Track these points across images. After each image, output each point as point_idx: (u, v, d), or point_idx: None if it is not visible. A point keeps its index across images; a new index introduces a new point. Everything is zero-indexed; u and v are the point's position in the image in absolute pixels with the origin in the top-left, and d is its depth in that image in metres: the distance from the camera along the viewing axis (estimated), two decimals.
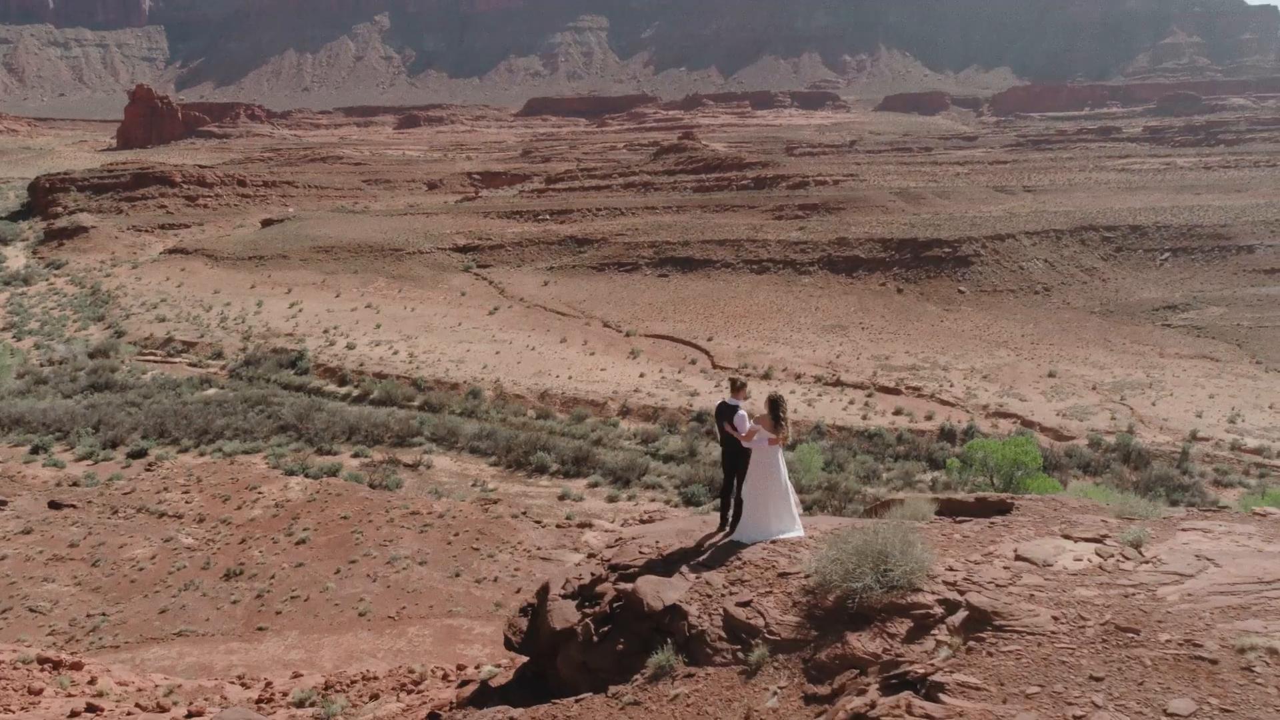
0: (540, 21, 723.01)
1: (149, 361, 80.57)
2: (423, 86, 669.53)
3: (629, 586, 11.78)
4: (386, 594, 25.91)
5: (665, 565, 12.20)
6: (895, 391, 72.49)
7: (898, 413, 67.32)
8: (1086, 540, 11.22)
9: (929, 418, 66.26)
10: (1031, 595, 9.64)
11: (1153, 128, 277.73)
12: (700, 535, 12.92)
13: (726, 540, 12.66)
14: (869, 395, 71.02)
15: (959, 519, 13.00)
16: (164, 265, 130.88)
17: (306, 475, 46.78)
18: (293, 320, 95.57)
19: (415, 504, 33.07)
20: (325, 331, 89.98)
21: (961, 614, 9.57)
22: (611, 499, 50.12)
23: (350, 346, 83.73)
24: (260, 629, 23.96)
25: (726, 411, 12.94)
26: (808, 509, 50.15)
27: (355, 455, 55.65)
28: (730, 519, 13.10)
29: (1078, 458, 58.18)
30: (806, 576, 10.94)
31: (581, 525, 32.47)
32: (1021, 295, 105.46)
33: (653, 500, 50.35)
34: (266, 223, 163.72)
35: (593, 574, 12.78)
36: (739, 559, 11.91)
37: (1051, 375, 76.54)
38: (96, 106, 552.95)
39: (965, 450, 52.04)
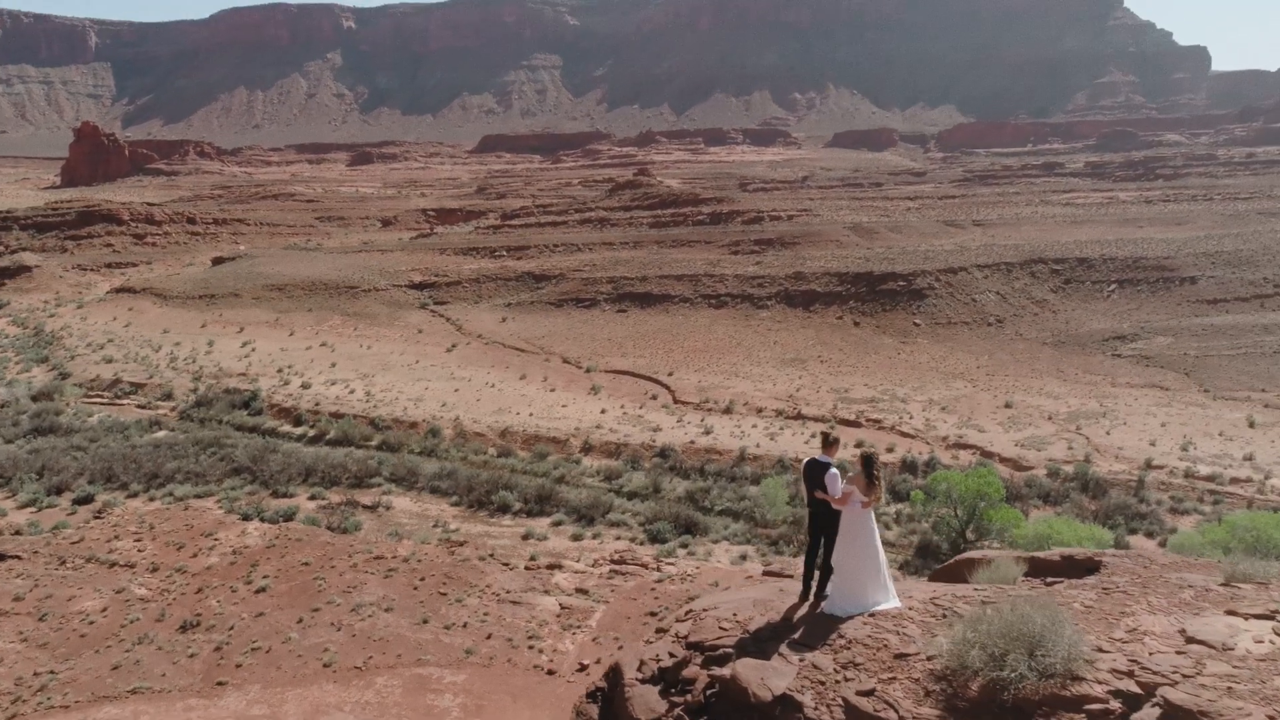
0: (493, 59, 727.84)
1: (95, 404, 78.30)
2: (375, 124, 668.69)
3: (725, 672, 10.44)
4: (352, 643, 25.03)
5: (756, 644, 10.92)
6: (856, 424, 72.77)
7: (859, 445, 67.48)
8: (1258, 617, 10.10)
9: (890, 450, 66.50)
10: (1229, 688, 8.51)
11: (1094, 163, 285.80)
12: (783, 606, 11.80)
13: (817, 612, 11.55)
14: (830, 428, 71.19)
15: (1049, 580, 12.21)
16: (111, 305, 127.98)
17: (262, 519, 45.50)
18: (245, 360, 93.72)
19: (379, 548, 32.17)
20: (279, 371, 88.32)
21: (1152, 710, 8.42)
22: (576, 537, 49.42)
23: (305, 386, 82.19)
24: (220, 683, 22.95)
25: (817, 470, 11.95)
26: (774, 544, 49.92)
27: (312, 497, 54.35)
28: (815, 587, 12.05)
29: (1037, 488, 58.67)
30: (931, 658, 9.76)
31: (551, 566, 31.79)
32: (975, 327, 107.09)
33: (618, 538, 49.73)
34: (218, 261, 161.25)
35: (671, 654, 11.47)
36: (842, 636, 10.69)
37: (1008, 406, 77.48)
38: (40, 144, 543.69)
39: (929, 482, 52.37)
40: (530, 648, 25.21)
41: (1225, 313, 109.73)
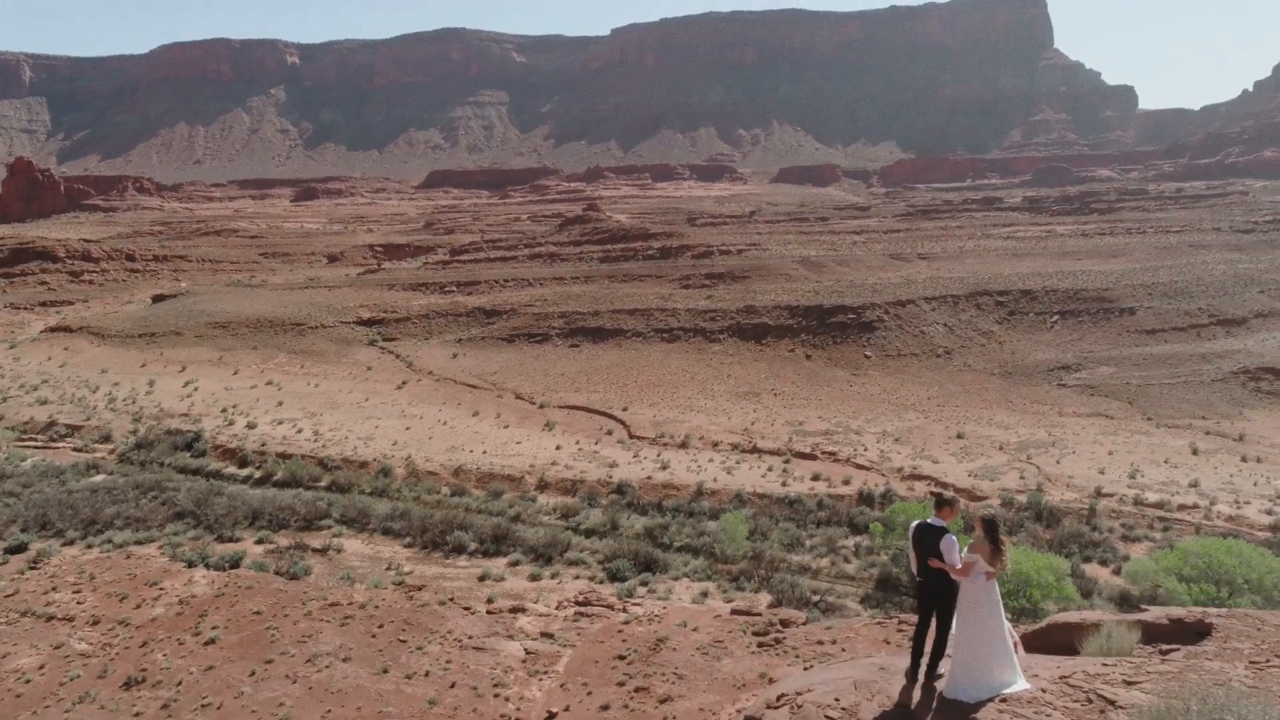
0: (440, 96, 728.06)
1: (29, 447, 75.31)
2: (320, 159, 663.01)
3: None
4: (309, 696, 23.93)
5: None
6: (811, 457, 72.86)
7: (815, 478, 67.53)
8: None
9: (846, 482, 66.63)
10: None
11: (1031, 198, 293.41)
12: (891, 688, 10.69)
13: (935, 697, 10.40)
14: (786, 461, 71.17)
15: (1163, 648, 11.44)
16: (45, 344, 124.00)
17: (207, 565, 43.83)
18: (188, 400, 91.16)
19: (334, 594, 31.01)
20: (223, 411, 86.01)
21: None
22: (534, 577, 48.44)
23: (251, 426, 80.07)
24: None
25: (930, 535, 10.80)
26: (734, 580, 49.39)
27: (259, 541, 52.66)
28: (928, 666, 10.96)
29: None
30: None
31: (514, 610, 30.88)
32: (925, 358, 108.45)
33: (577, 577, 48.85)
34: (158, 298, 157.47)
35: None
36: None
37: (960, 436, 78.26)
38: None
39: (887, 514, 52.48)
40: (496, 696, 24.31)
41: (1164, 342, 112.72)
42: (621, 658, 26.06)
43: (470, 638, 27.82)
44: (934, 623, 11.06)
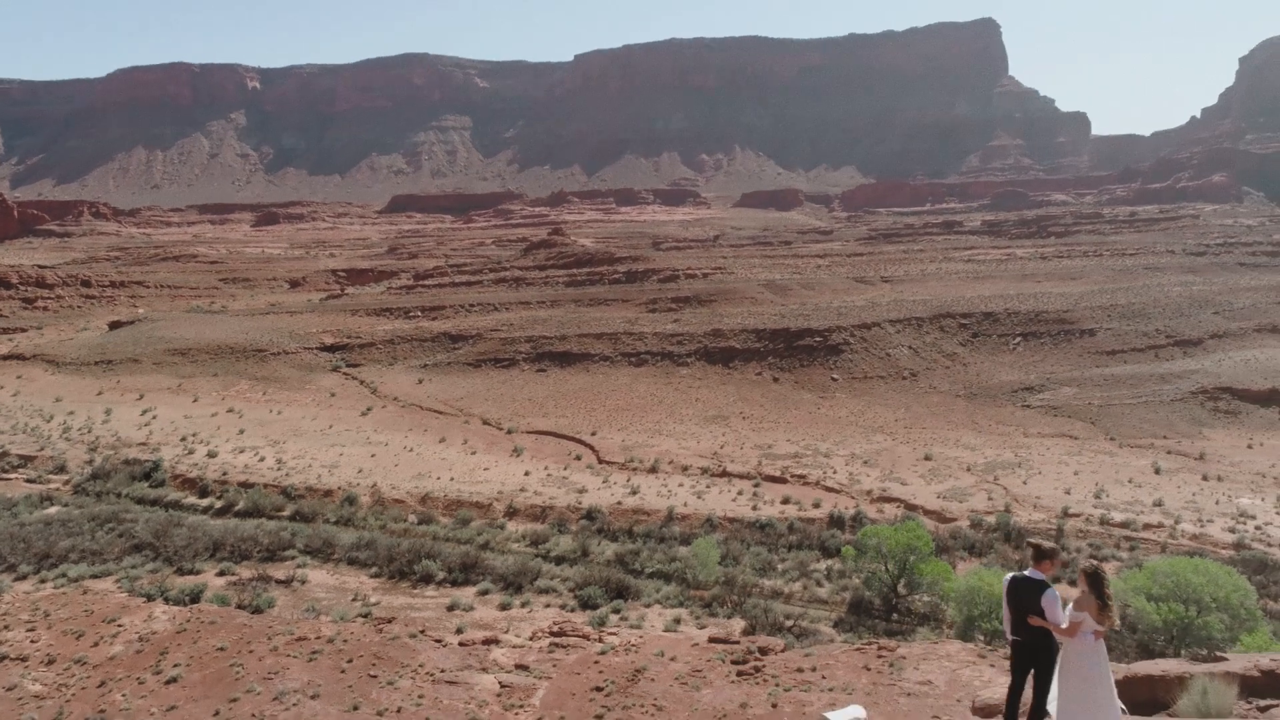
0: (403, 120, 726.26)
1: None
2: (281, 184, 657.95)
3: None
4: None
5: None
6: (781, 480, 72.76)
7: (786, 501, 67.38)
8: None
9: (816, 505, 66.55)
10: None
11: (990, 221, 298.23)
12: None
13: None
14: (756, 485, 70.99)
15: (1262, 705, 10.87)
16: None
17: (167, 599, 42.58)
18: (146, 428, 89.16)
19: (301, 628, 30.11)
20: (183, 439, 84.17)
21: None
22: (504, 607, 47.64)
23: (211, 454, 78.39)
24: None
25: (1029, 590, 9.97)
26: (707, 606, 48.92)
27: (221, 573, 51.32)
28: None
29: (962, 539, 59.27)
30: None
31: (487, 641, 30.18)
32: (891, 381, 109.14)
33: (548, 606, 48.14)
34: (115, 325, 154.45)
35: None
36: None
37: (928, 458, 78.63)
38: None
39: (859, 537, 52.35)
40: None
41: (1124, 363, 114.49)
42: (599, 689, 25.50)
43: (443, 671, 27.09)
44: (1030, 684, 10.22)
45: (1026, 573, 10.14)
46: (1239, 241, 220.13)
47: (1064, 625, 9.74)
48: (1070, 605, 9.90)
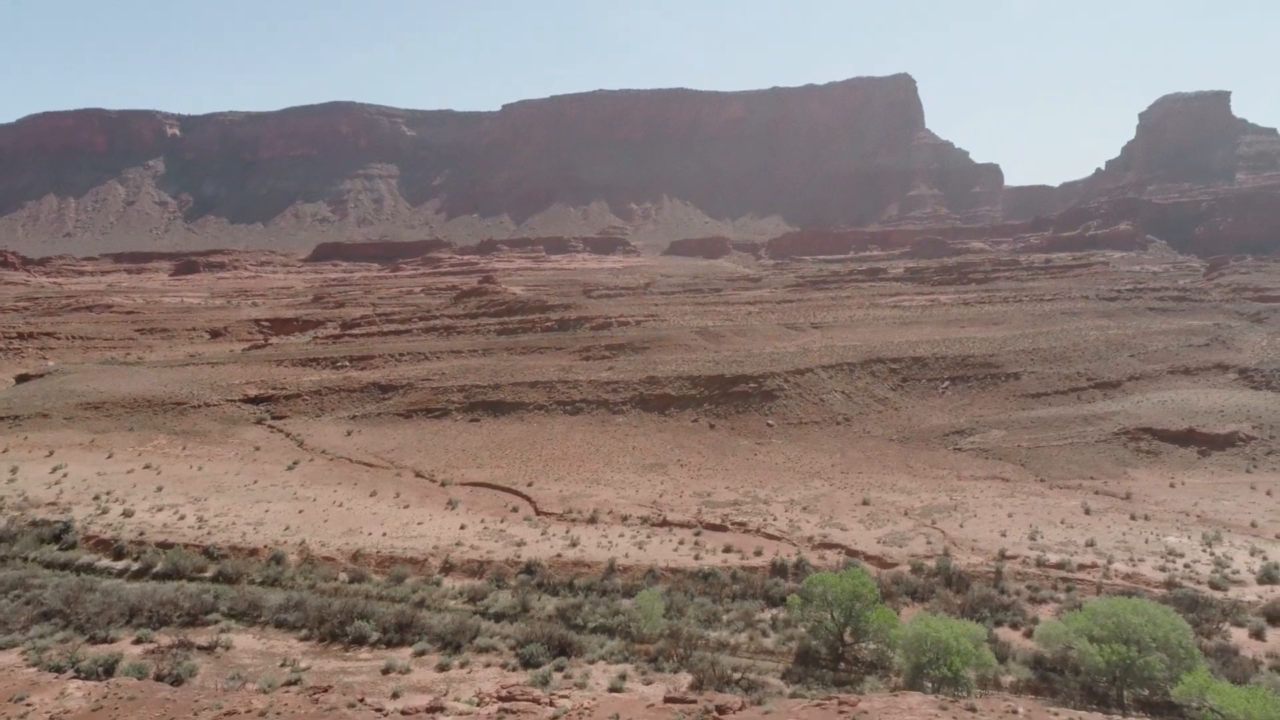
0: (328, 168, 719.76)
1: None
2: (201, 232, 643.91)
3: None
4: None
5: None
6: (722, 528, 72.07)
7: (728, 550, 66.65)
8: None
9: (758, 553, 65.95)
10: None
11: (912, 268, 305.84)
12: None
13: None
14: (697, 534, 70.17)
15: None
16: None
17: (78, 671, 39.90)
18: (56, 487, 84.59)
19: (229, 701, 28.22)
20: (96, 498, 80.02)
21: None
22: (443, 668, 45.77)
23: (127, 514, 74.57)
24: None
25: None
26: (653, 660, 47.70)
27: (138, 640, 48.36)
28: None
29: (905, 584, 59.18)
30: None
31: (431, 709, 28.70)
32: (826, 426, 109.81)
33: (488, 665, 46.42)
34: (22, 378, 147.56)
35: None
36: None
37: (866, 503, 78.85)
38: None
39: (805, 586, 51.78)
40: None
41: (1048, 405, 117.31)
42: None
43: None
44: None
45: None
46: (1147, 287, 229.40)
47: None
48: None
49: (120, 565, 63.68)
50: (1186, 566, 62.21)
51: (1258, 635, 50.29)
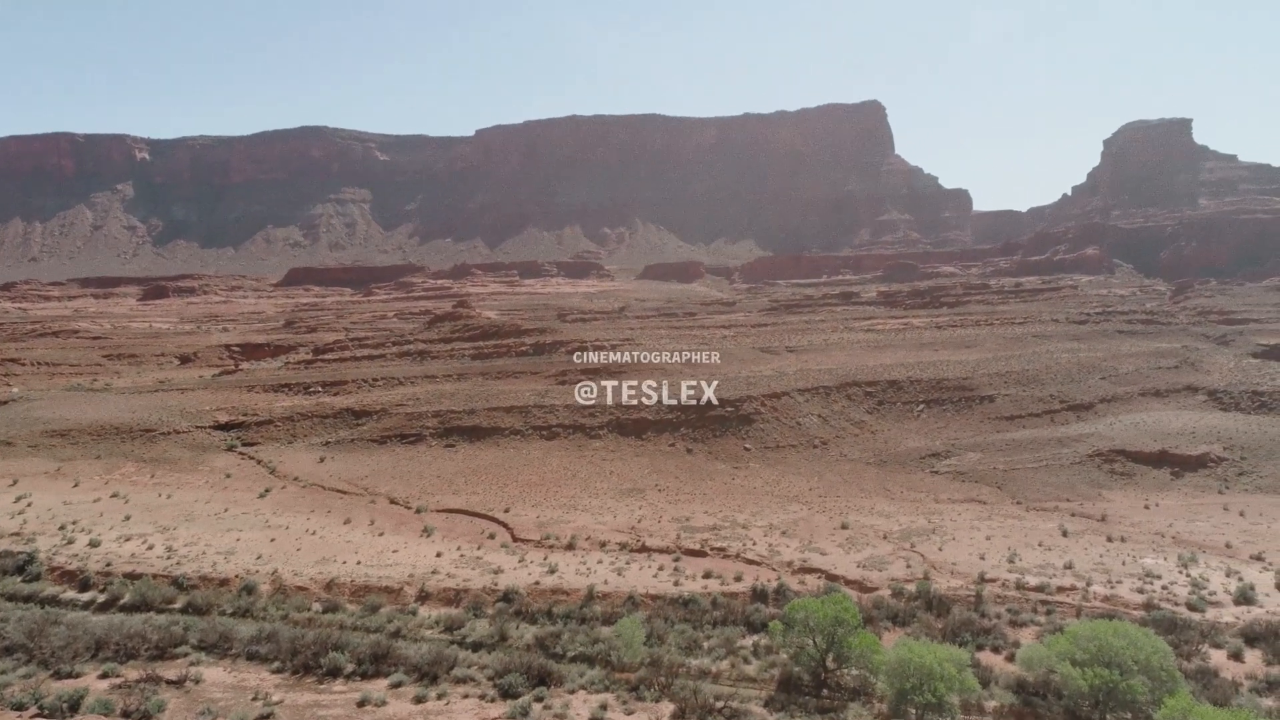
0: (300, 193, 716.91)
1: None
2: (171, 257, 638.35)
3: None
4: None
5: None
6: (701, 554, 71.58)
7: (707, 575, 66.15)
8: None
9: (739, 579, 65.50)
10: None
11: (885, 292, 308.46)
12: None
13: None
14: (676, 560, 69.64)
15: None
16: None
17: (41, 708, 38.70)
18: (19, 517, 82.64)
19: None
20: (61, 528, 78.21)
21: None
22: (419, 699, 44.86)
23: (94, 544, 72.87)
24: None
25: None
26: (634, 689, 47.03)
27: (104, 675, 47.01)
28: None
29: (886, 609, 58.92)
30: None
31: None
32: (803, 450, 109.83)
33: (466, 696, 45.57)
34: None
35: None
36: None
37: (844, 527, 78.70)
38: None
39: (786, 611, 51.31)
40: None
41: (1022, 427, 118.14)
42: None
43: None
44: None
45: None
46: (1115, 310, 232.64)
47: None
48: None
49: (86, 597, 62.13)
50: (1164, 588, 62.44)
51: (1236, 657, 50.40)
